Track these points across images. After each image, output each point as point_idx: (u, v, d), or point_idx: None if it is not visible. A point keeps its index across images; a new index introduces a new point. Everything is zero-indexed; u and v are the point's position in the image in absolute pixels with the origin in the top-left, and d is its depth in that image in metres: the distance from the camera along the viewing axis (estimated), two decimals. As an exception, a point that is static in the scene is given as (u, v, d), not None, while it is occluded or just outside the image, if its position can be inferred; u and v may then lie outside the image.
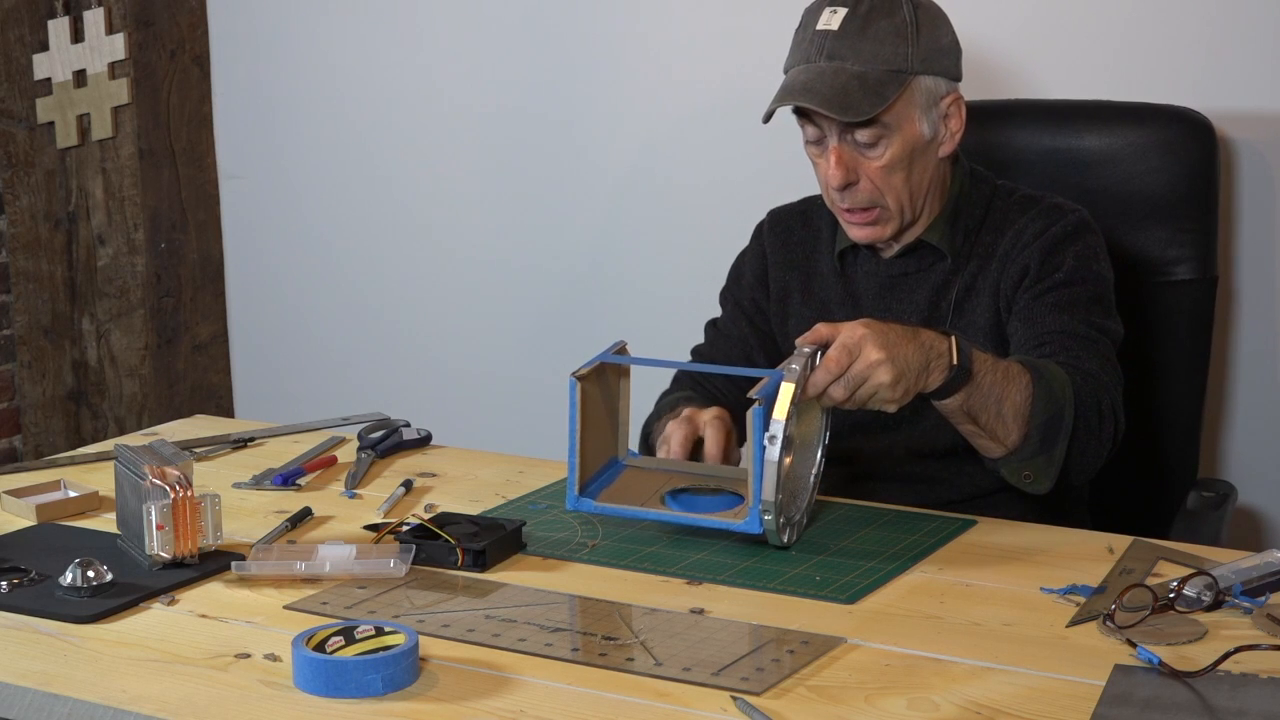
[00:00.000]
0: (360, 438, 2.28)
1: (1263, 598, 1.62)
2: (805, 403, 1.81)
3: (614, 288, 3.13)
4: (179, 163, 3.58)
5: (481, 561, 1.78)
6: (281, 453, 2.28)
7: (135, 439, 2.26)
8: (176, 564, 1.77)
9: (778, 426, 1.72)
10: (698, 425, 2.03)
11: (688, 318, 2.48)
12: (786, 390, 1.73)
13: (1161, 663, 1.47)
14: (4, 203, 3.61)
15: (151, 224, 3.57)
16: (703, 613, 1.64)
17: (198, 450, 2.27)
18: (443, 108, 3.24)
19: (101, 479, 2.07)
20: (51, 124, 3.56)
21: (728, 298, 2.35)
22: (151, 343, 3.62)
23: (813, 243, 2.28)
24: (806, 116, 2.10)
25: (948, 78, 2.12)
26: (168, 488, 1.75)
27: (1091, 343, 2.04)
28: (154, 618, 1.67)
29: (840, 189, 2.11)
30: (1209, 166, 2.38)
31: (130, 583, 1.73)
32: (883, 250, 2.21)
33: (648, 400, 2.20)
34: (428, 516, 1.88)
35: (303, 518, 1.97)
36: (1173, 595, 1.57)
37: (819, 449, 1.92)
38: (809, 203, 2.31)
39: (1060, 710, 1.40)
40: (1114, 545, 1.83)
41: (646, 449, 2.20)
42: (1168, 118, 2.39)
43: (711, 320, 2.37)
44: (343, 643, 1.50)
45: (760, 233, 2.34)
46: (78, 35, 3.50)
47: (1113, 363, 2.06)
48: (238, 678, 1.51)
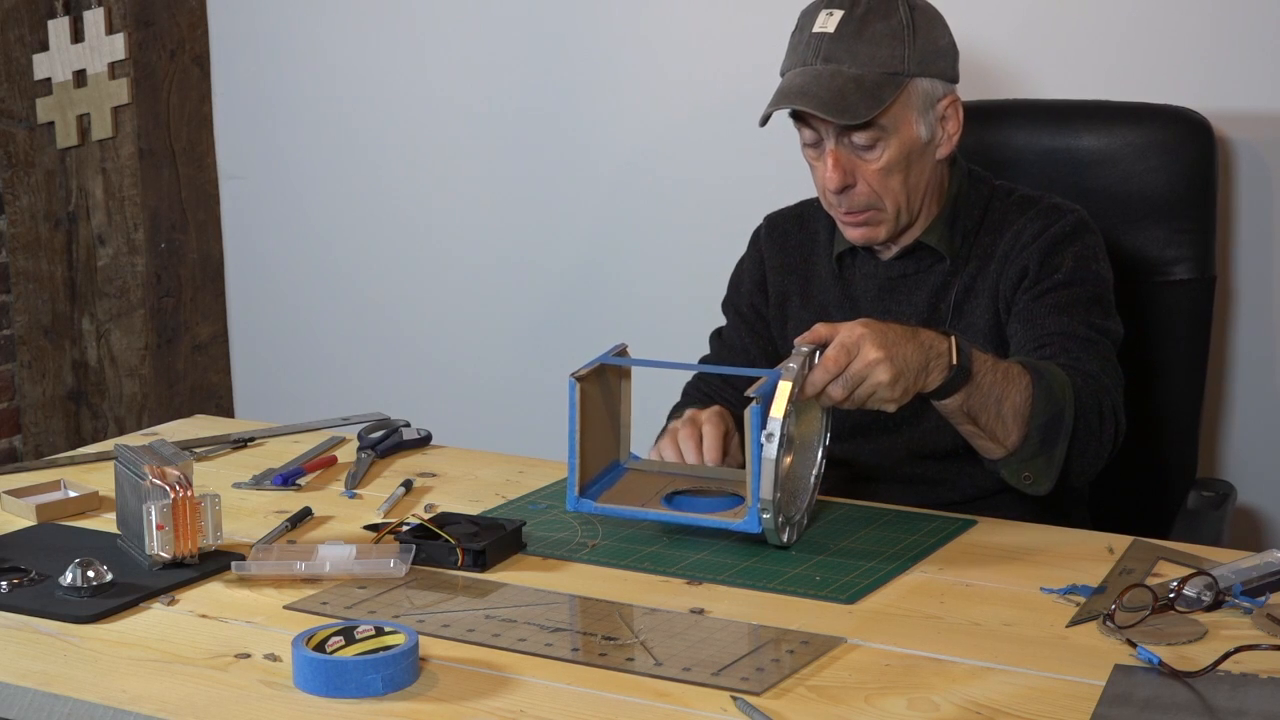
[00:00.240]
0: (360, 438, 2.28)
1: (1263, 598, 1.62)
2: (805, 403, 1.81)
3: (614, 288, 3.13)
4: (179, 163, 3.58)
5: (481, 561, 1.78)
6: (281, 453, 2.28)
7: (135, 439, 2.26)
8: (176, 564, 1.77)
9: (775, 424, 1.72)
10: (700, 424, 2.04)
11: (687, 317, 2.49)
12: (784, 388, 1.73)
13: (1161, 663, 1.47)
14: (4, 203, 3.61)
15: (151, 224, 3.57)
16: (703, 613, 1.64)
17: (198, 450, 2.27)
18: (443, 108, 3.24)
19: (101, 479, 2.07)
20: (51, 124, 3.55)
21: (729, 307, 2.35)
22: (151, 343, 3.62)
23: (810, 246, 2.28)
24: (803, 120, 2.09)
25: (945, 80, 2.12)
26: (168, 488, 1.75)
27: (1091, 344, 2.04)
28: (154, 618, 1.67)
29: (838, 192, 2.10)
30: (1207, 166, 2.38)
31: (130, 583, 1.73)
32: (881, 252, 2.20)
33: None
34: (428, 516, 1.88)
35: (303, 518, 1.98)
36: (1173, 595, 1.57)
37: (819, 449, 1.92)
38: (805, 206, 2.30)
39: (1060, 710, 1.41)
40: (1114, 545, 1.83)
41: None
42: (1166, 118, 2.39)
43: (716, 330, 2.36)
44: (343, 643, 1.50)
45: (757, 238, 2.33)
46: (78, 35, 3.49)
47: (1113, 364, 2.06)
48: (238, 678, 1.51)
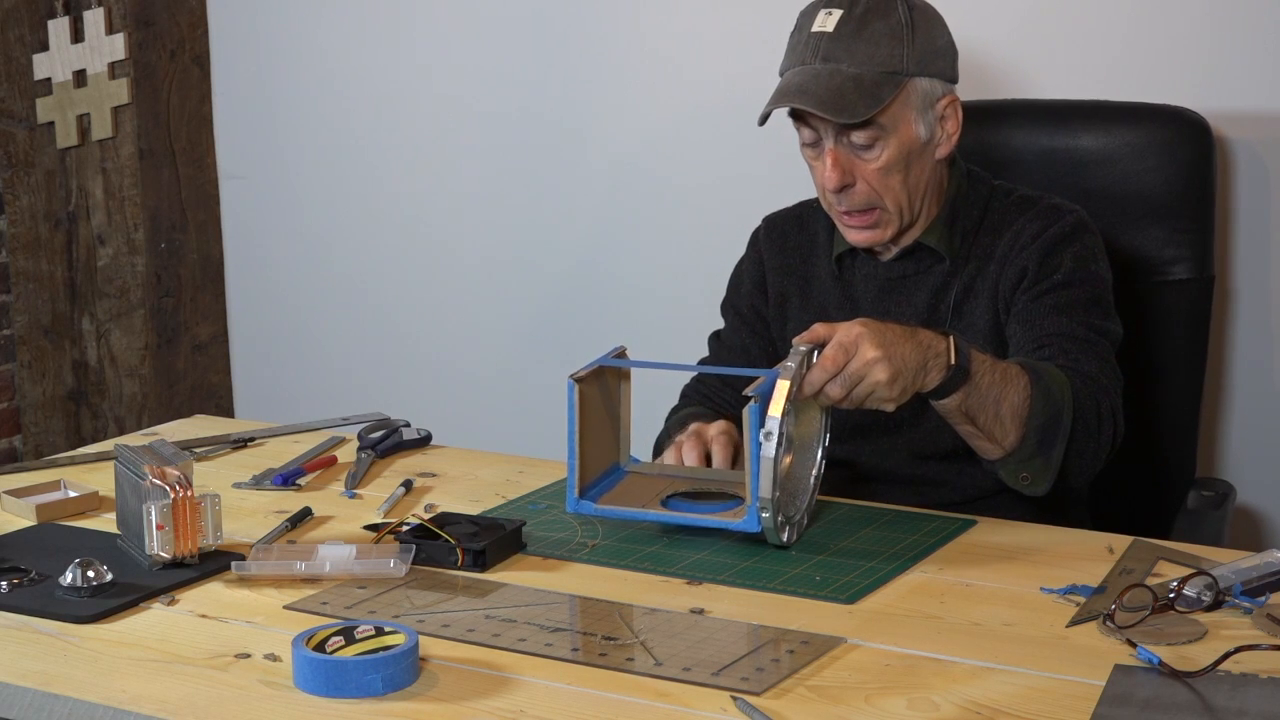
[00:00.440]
0: (360, 438, 2.28)
1: (1263, 598, 1.62)
2: (803, 402, 1.81)
3: (613, 288, 3.13)
4: (179, 163, 3.58)
5: (481, 561, 1.78)
6: (281, 453, 2.28)
7: (135, 439, 2.26)
8: (176, 564, 1.77)
9: (773, 423, 1.72)
10: (706, 440, 2.04)
11: (687, 317, 2.48)
12: (782, 387, 1.73)
13: (1161, 663, 1.47)
14: (4, 203, 3.61)
15: (151, 224, 3.57)
16: (703, 613, 1.64)
17: (198, 450, 2.27)
18: (443, 108, 3.24)
19: (101, 479, 2.07)
20: (51, 124, 3.56)
21: (728, 308, 2.35)
22: (151, 343, 3.62)
23: (809, 247, 2.27)
24: (802, 119, 2.09)
25: (944, 79, 2.12)
26: (168, 488, 1.75)
27: (1090, 345, 2.04)
28: (154, 618, 1.67)
29: (837, 191, 2.10)
30: (1206, 166, 2.38)
31: (130, 583, 1.73)
32: (880, 253, 2.20)
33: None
34: (428, 516, 1.88)
35: (303, 518, 1.98)
36: (1173, 595, 1.57)
37: (819, 449, 1.92)
38: (804, 207, 2.30)
39: (1060, 710, 1.41)
40: (1114, 545, 1.83)
41: None
42: (1164, 118, 2.39)
43: (715, 332, 2.36)
44: (343, 643, 1.50)
45: (756, 239, 2.33)
46: (78, 35, 3.50)
47: (1112, 365, 2.06)
48: (238, 678, 1.51)
